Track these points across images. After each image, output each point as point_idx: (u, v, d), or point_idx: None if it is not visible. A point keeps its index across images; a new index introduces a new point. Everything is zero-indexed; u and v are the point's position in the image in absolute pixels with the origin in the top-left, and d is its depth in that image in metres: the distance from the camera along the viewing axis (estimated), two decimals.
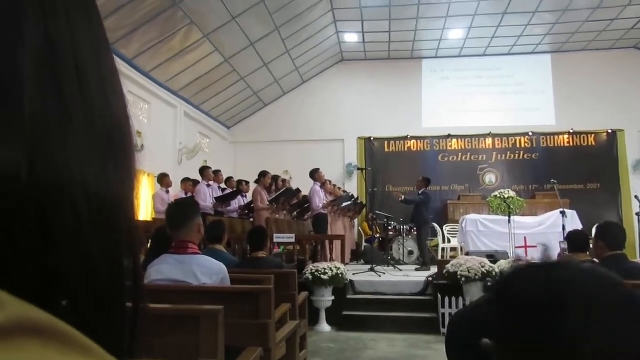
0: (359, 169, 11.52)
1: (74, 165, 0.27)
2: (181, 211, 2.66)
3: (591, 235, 4.99)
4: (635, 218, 9.34)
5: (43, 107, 0.26)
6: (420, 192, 8.58)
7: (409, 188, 9.75)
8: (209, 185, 7.92)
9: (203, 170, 8.17)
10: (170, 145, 10.13)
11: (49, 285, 0.26)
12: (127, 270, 0.31)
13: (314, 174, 8.42)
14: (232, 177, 9.45)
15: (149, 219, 8.09)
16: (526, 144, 12.81)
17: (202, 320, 1.94)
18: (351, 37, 12.11)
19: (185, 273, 2.52)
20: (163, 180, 8.16)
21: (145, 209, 8.79)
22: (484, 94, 12.95)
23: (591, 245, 3.81)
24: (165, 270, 2.52)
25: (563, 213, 7.17)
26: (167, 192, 8.15)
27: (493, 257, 6.43)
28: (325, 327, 6.12)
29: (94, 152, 0.29)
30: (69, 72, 0.28)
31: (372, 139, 13.06)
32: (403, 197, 8.83)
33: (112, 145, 0.31)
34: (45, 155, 0.26)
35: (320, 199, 8.23)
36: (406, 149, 13.02)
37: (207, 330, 1.93)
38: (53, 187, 0.26)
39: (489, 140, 12.89)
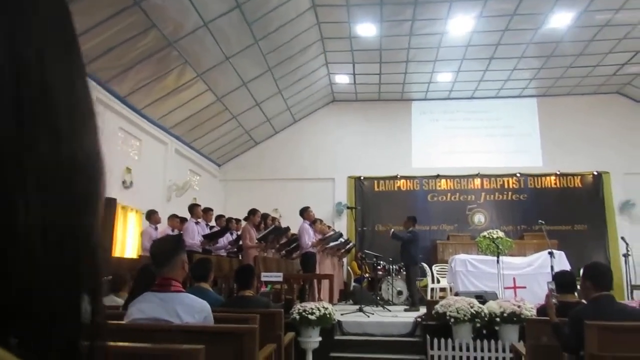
0: (348, 207, 11.52)
1: (31, 195, 0.26)
2: (165, 248, 2.64)
3: (579, 276, 4.98)
4: (622, 259, 9.38)
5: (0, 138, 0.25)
6: (408, 231, 8.59)
7: (399, 227, 9.73)
8: (197, 223, 7.87)
9: (192, 208, 8.14)
10: (159, 182, 10.10)
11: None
12: (86, 308, 0.30)
13: (304, 212, 8.41)
14: (222, 215, 9.39)
15: (135, 256, 7.98)
16: (514, 185, 12.94)
17: None
18: (342, 79, 12.35)
19: (168, 311, 2.47)
20: (151, 217, 8.10)
21: (133, 246, 8.68)
22: (473, 136, 13.16)
23: (578, 286, 3.81)
24: (146, 308, 2.47)
25: (551, 254, 7.17)
26: (156, 228, 8.07)
27: (482, 298, 6.37)
28: None
29: (54, 180, 0.27)
30: (36, 98, 0.26)
31: (362, 178, 13.13)
32: (393, 230, 8.83)
33: (75, 174, 0.29)
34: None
35: (310, 237, 8.19)
36: (396, 188, 13.09)
37: None
38: (6, 217, 0.25)
39: (478, 181, 13.01)
